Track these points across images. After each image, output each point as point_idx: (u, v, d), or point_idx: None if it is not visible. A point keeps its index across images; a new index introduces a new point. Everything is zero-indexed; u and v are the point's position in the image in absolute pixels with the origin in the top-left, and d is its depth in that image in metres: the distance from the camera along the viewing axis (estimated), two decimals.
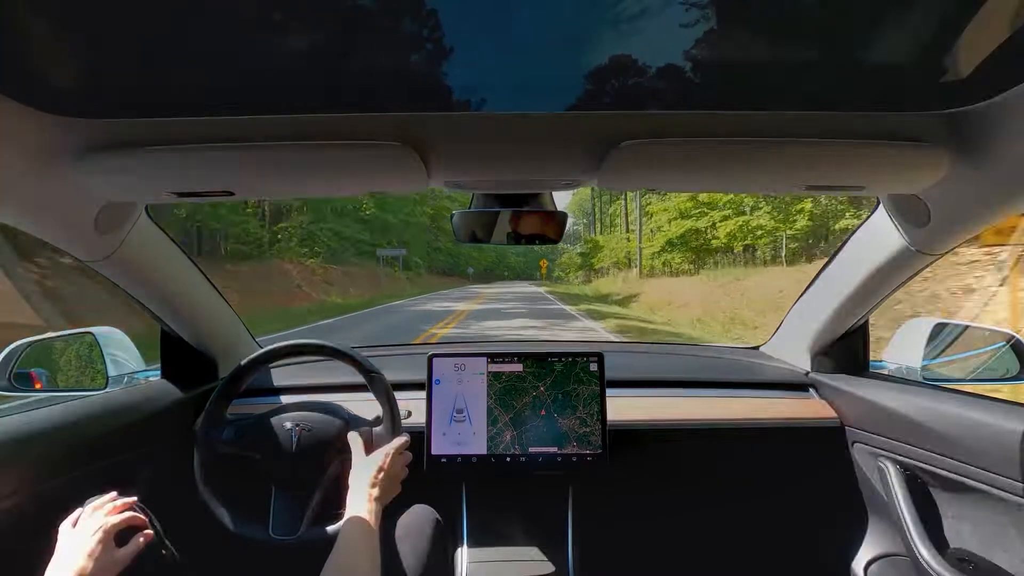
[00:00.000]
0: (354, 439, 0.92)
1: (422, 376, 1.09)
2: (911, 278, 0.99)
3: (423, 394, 1.08)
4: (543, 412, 1.07)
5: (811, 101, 0.59)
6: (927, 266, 0.92)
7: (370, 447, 0.92)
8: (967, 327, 1.26)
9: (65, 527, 0.72)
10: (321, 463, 0.97)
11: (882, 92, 0.57)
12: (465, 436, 1.06)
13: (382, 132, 0.63)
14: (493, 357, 1.10)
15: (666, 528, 1.30)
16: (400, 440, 0.90)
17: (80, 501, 0.77)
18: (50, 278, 8.08)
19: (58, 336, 1.20)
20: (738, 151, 0.65)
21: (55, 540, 0.71)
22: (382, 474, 0.83)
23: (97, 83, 0.54)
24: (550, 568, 1.01)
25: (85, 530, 0.71)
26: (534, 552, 1.04)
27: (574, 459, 1.05)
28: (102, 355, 1.14)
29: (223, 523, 0.93)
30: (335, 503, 0.95)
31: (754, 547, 1.27)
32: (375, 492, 0.80)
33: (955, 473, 0.89)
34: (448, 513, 0.89)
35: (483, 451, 1.05)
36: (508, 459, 1.05)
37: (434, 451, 1.05)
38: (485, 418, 1.07)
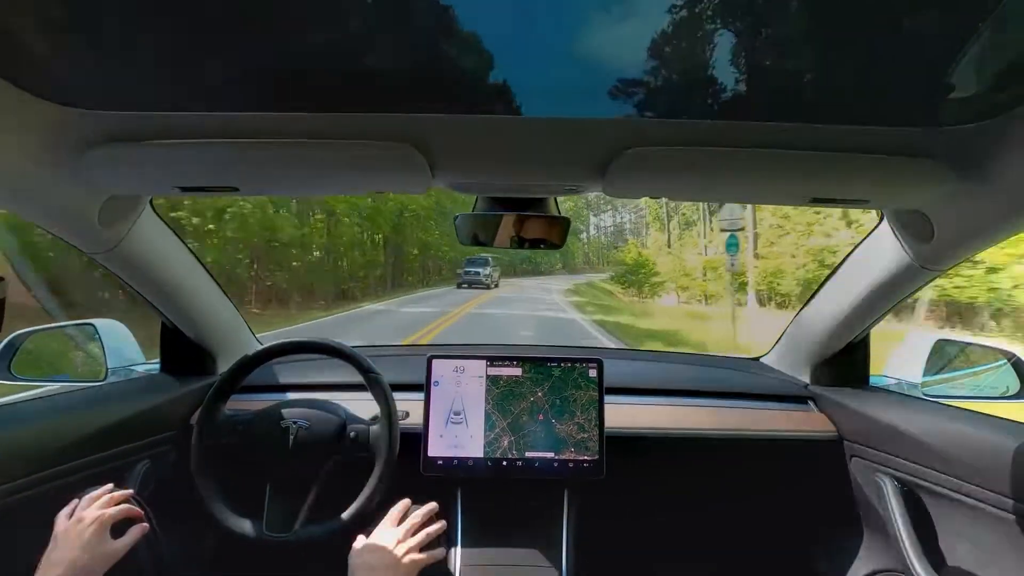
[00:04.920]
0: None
1: (421, 377, 1.09)
2: (913, 293, 0.99)
3: (421, 395, 1.08)
4: (541, 417, 1.07)
5: (817, 114, 0.59)
6: (929, 281, 0.92)
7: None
8: (968, 344, 1.26)
9: (61, 518, 0.72)
10: (317, 462, 0.97)
11: (889, 106, 0.58)
12: (462, 439, 1.06)
13: (388, 132, 0.63)
14: (492, 360, 1.10)
15: (662, 537, 1.30)
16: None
17: (77, 492, 0.77)
18: None
19: (59, 326, 1.20)
20: (743, 161, 0.65)
21: (51, 530, 0.71)
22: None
23: (106, 76, 0.54)
24: (545, 574, 1.01)
25: (81, 521, 0.71)
26: (529, 556, 1.04)
27: (571, 465, 1.05)
28: (102, 347, 1.14)
29: (217, 518, 0.93)
30: (329, 503, 0.95)
31: (749, 559, 1.27)
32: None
33: (953, 490, 0.88)
34: (443, 515, 0.89)
35: (480, 454, 1.05)
36: (505, 463, 1.05)
37: (431, 453, 1.05)
38: (483, 422, 1.07)
